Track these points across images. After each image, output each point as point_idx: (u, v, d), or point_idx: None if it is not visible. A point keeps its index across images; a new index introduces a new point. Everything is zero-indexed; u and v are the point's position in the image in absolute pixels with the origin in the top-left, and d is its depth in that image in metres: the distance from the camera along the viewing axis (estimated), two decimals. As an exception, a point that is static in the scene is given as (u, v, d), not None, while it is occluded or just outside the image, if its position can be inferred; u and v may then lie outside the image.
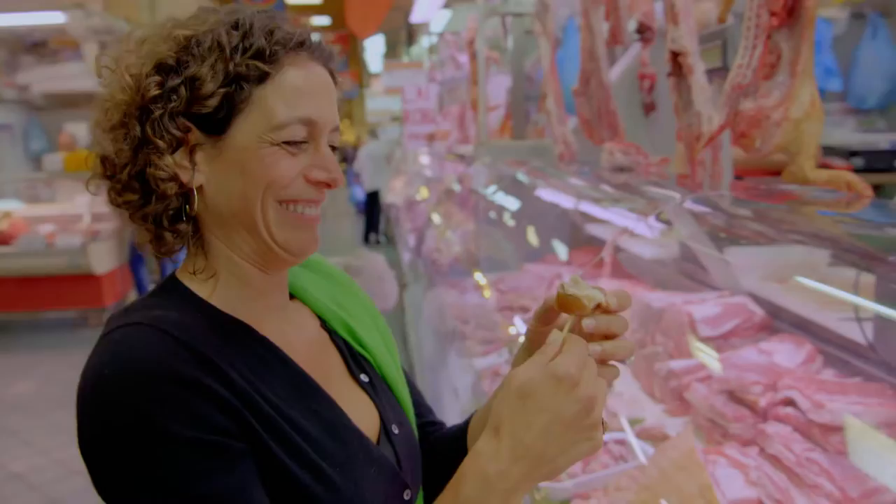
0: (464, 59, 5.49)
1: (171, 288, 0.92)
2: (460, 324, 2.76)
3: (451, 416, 2.19)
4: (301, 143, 0.89)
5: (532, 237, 3.40)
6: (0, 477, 4.31)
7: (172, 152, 0.88)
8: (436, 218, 4.50)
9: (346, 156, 18.20)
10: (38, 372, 6.29)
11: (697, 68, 1.80)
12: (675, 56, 1.86)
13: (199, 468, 0.78)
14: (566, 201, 2.84)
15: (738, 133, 1.48)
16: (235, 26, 0.88)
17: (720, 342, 1.95)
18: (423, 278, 3.68)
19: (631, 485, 1.44)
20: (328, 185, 0.92)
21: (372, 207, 11.83)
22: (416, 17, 7.65)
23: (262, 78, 0.87)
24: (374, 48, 15.81)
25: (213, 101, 0.86)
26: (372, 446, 0.94)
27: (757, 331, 2.00)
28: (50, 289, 7.47)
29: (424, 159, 7.49)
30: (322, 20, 17.98)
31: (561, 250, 3.15)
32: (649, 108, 3.78)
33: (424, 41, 8.13)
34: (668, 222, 2.08)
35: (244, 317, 0.92)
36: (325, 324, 1.05)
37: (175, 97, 0.86)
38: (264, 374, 0.88)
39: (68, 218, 8.09)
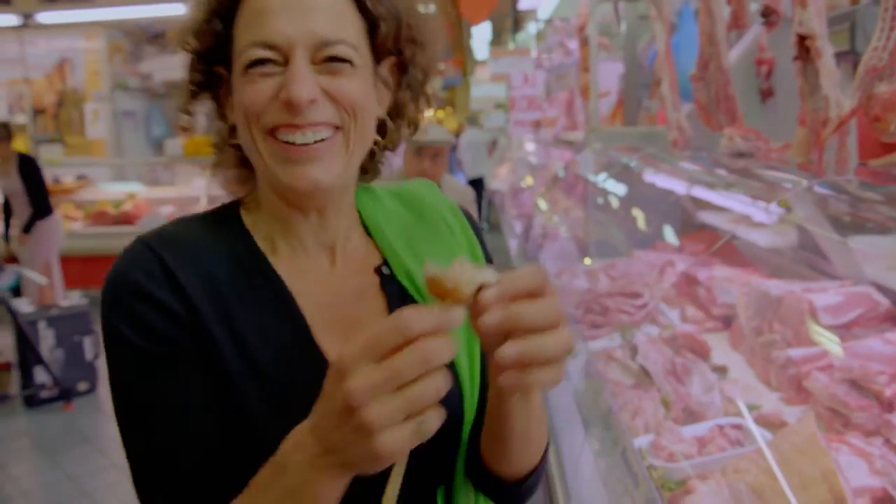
0: (573, 45, 5.47)
1: (227, 210, 1.00)
2: (571, 308, 2.79)
3: (562, 395, 2.22)
4: (267, 62, 0.86)
5: (642, 224, 3.38)
6: (128, 441, 4.60)
7: (218, 99, 0.96)
8: (543, 204, 4.52)
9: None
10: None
11: (826, 52, 1.77)
12: (802, 40, 1.83)
13: (142, 371, 0.87)
14: (680, 187, 2.82)
15: (871, 117, 1.45)
16: None
17: (842, 331, 1.91)
18: (532, 263, 3.71)
19: (750, 467, 1.44)
20: (292, 105, 0.85)
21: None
22: (524, 3, 7.66)
23: (232, 12, 0.90)
24: (480, 35, 15.81)
25: (208, 40, 0.91)
26: None
27: (881, 321, 1.95)
28: (169, 267, 7.86)
29: (530, 146, 7.49)
30: (428, 9, 18.12)
31: (673, 237, 3.12)
32: (766, 93, 3.69)
33: (531, 27, 8.13)
34: (788, 208, 2.05)
35: (270, 249, 0.96)
36: (386, 264, 1.01)
37: (193, 41, 0.93)
38: (252, 301, 0.91)
39: (186, 200, 8.49)
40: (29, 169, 6.52)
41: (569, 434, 2.01)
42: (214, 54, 0.92)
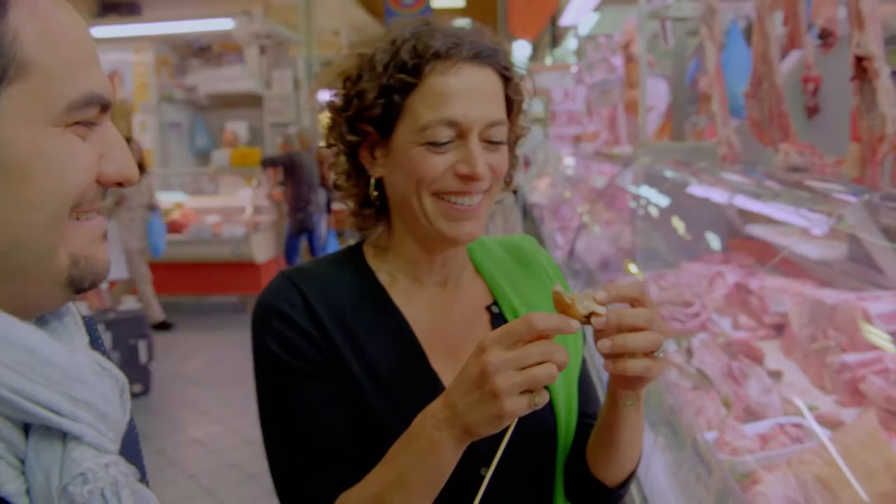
0: (617, 61, 5.59)
1: (352, 251, 1.18)
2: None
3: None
4: (447, 143, 1.02)
5: (690, 236, 3.47)
6: (184, 441, 4.76)
7: (351, 151, 1.10)
8: (588, 217, 4.62)
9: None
10: (205, 350, 6.83)
11: (883, 72, 1.87)
12: (860, 60, 1.93)
13: (285, 381, 1.06)
14: (735, 200, 2.92)
15: (930, 134, 1.56)
16: (393, 42, 1.05)
17: (896, 338, 2.00)
18: (581, 275, 3.82)
19: (815, 459, 1.54)
20: (471, 179, 1.03)
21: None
22: (565, 20, 7.79)
23: (409, 87, 1.03)
24: (520, 51, 16.02)
25: (377, 110, 1.05)
26: None
27: (935, 329, 2.04)
28: (215, 275, 8.08)
29: (569, 160, 7.60)
30: (463, 23, 18.37)
31: (725, 248, 3.22)
32: (812, 110, 3.77)
33: (571, 43, 8.24)
34: (841, 218, 2.14)
35: (389, 282, 1.13)
36: (496, 303, 1.19)
37: (351, 106, 1.07)
38: (373, 327, 1.09)
39: (232, 209, 8.70)
40: None
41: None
42: (361, 116, 1.07)
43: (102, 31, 9.54)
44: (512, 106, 1.10)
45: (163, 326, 7.51)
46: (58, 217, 0.67)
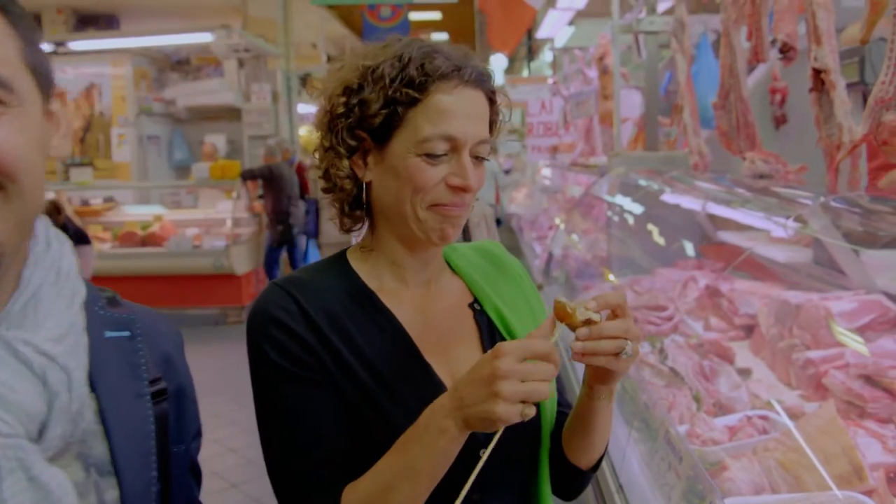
0: (592, 73, 5.72)
1: (338, 257, 1.26)
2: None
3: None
4: (442, 155, 1.11)
5: (664, 242, 3.58)
6: (168, 450, 4.78)
7: (350, 156, 1.17)
8: (565, 226, 4.73)
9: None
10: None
11: (839, 84, 1.99)
12: (818, 73, 2.05)
13: (283, 387, 1.11)
14: (705, 207, 3.03)
15: (880, 141, 1.67)
16: (399, 59, 1.13)
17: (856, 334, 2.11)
18: (557, 282, 3.92)
19: (778, 447, 1.64)
20: (462, 190, 1.12)
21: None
22: (541, 33, 7.95)
23: (413, 102, 1.11)
24: (497, 63, 16.21)
25: (378, 119, 1.13)
26: None
27: (892, 325, 2.15)
28: (195, 287, 8.09)
29: (546, 171, 7.72)
30: (440, 36, 18.55)
31: (695, 253, 3.33)
32: (780, 120, 3.92)
33: (547, 56, 8.38)
34: (804, 222, 2.25)
35: (377, 285, 1.20)
36: (477, 301, 1.27)
37: (352, 114, 1.15)
38: (366, 327, 1.16)
39: (211, 222, 8.72)
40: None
41: (613, 429, 2.20)
42: (360, 124, 1.15)
43: (80, 44, 9.57)
44: (492, 127, 1.21)
45: None
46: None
